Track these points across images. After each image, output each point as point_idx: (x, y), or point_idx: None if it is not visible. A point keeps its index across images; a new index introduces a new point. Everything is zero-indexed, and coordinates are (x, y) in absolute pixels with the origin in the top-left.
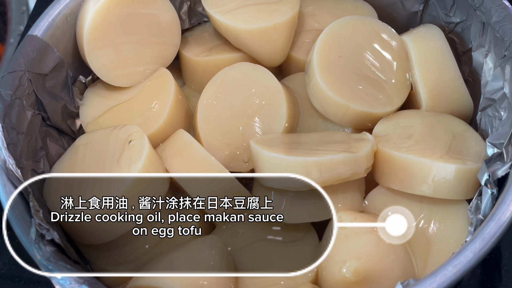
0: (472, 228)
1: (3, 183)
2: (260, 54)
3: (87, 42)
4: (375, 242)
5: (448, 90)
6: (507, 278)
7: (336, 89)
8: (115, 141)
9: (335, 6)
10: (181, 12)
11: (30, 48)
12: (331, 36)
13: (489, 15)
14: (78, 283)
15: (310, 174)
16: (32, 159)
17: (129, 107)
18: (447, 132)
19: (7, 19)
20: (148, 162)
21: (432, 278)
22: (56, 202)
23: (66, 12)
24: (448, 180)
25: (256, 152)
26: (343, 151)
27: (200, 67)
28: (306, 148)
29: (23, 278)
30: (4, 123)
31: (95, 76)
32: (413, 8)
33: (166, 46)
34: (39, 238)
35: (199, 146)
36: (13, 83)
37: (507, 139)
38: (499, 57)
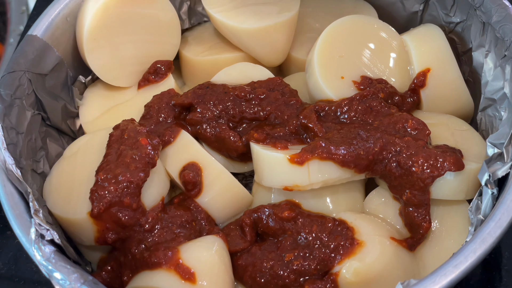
0: (473, 228)
1: (3, 183)
2: (260, 54)
3: (87, 42)
4: (376, 243)
5: (448, 90)
6: (507, 278)
7: (337, 88)
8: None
9: (335, 6)
10: (181, 12)
11: (30, 48)
12: (332, 36)
13: (489, 15)
14: (78, 283)
15: (311, 174)
16: (32, 159)
17: (129, 107)
18: (448, 132)
19: (7, 19)
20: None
21: (432, 278)
22: (56, 202)
23: (65, 12)
24: (448, 181)
25: (256, 152)
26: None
27: (200, 67)
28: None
29: (23, 278)
30: (4, 123)
31: (95, 76)
32: (413, 8)
33: (166, 46)
34: (39, 238)
35: (199, 147)
36: (13, 83)
37: (507, 139)
38: (499, 57)
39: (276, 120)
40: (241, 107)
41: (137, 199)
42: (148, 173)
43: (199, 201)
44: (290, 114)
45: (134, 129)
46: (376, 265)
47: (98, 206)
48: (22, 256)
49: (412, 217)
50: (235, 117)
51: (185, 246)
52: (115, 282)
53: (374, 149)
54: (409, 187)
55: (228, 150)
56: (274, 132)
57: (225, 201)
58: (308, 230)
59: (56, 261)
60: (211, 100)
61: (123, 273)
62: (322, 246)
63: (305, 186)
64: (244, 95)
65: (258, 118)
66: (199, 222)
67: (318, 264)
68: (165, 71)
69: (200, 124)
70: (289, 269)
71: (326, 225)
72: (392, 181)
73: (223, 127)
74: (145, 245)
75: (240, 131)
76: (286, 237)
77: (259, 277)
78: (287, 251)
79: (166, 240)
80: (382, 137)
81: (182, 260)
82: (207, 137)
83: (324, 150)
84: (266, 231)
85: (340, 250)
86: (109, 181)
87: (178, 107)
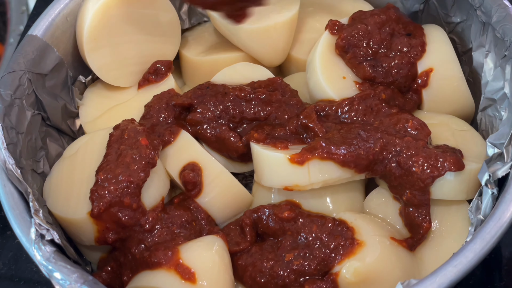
0: (473, 228)
1: (3, 183)
2: (260, 54)
3: (87, 42)
4: (376, 243)
5: (450, 90)
6: (507, 278)
7: (338, 88)
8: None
9: (335, 6)
10: (181, 12)
11: (30, 48)
12: (333, 36)
13: (490, 15)
14: (78, 283)
15: (311, 174)
16: (32, 159)
17: (129, 107)
18: (448, 132)
19: (7, 19)
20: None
21: (432, 278)
22: (56, 202)
23: (66, 12)
24: (448, 181)
25: (256, 152)
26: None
27: (200, 67)
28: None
29: (23, 278)
30: (4, 123)
31: (95, 76)
32: (413, 8)
33: (166, 46)
34: (39, 238)
35: (199, 147)
36: (13, 83)
37: (507, 139)
38: (499, 57)
39: (277, 120)
40: (241, 107)
41: (137, 199)
42: (148, 173)
43: (199, 201)
44: (291, 114)
45: (134, 129)
46: (376, 265)
47: (98, 206)
48: (22, 256)
49: (412, 217)
50: (235, 118)
51: (185, 246)
52: (115, 282)
53: (374, 149)
54: (409, 187)
55: (228, 151)
56: (274, 132)
57: (225, 201)
58: (308, 230)
59: (56, 261)
60: (211, 101)
61: (123, 273)
62: (322, 246)
63: (305, 186)
64: (244, 95)
65: (258, 118)
66: (199, 222)
67: (318, 264)
68: (165, 71)
69: (200, 125)
70: (289, 269)
71: (326, 225)
72: (392, 181)
73: (223, 127)
74: (145, 245)
75: (240, 131)
76: (286, 237)
77: (259, 277)
78: (287, 251)
79: (166, 240)
80: (383, 137)
81: (182, 260)
82: (207, 137)
83: (324, 150)
84: (266, 231)
85: (340, 250)
86: (109, 181)
87: (178, 107)
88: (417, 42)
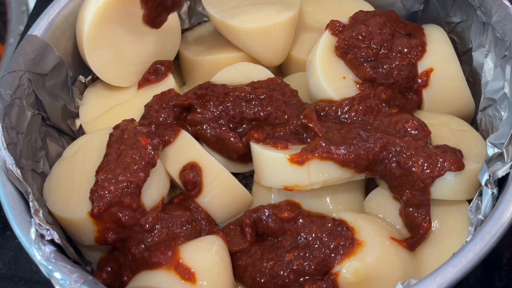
0: (473, 228)
1: (3, 183)
2: (260, 54)
3: (87, 42)
4: (376, 243)
5: (451, 90)
6: (507, 278)
7: (339, 88)
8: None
9: (335, 6)
10: (181, 12)
11: (30, 48)
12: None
13: (490, 15)
14: (78, 283)
15: (311, 174)
16: (32, 159)
17: (129, 107)
18: (448, 132)
19: (7, 19)
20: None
21: (432, 278)
22: (56, 202)
23: (65, 12)
24: (448, 181)
25: (256, 152)
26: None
27: (200, 67)
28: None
29: (23, 278)
30: (4, 123)
31: (95, 76)
32: (413, 8)
33: (166, 45)
34: (39, 238)
35: (199, 147)
36: (13, 83)
37: (507, 139)
38: (499, 57)
39: (277, 120)
40: (241, 107)
41: (137, 199)
42: (148, 173)
43: (199, 201)
44: (291, 114)
45: (134, 129)
46: (376, 265)
47: (98, 206)
48: (22, 256)
49: (412, 217)
50: (235, 118)
51: (185, 246)
52: (115, 282)
53: (374, 149)
54: (409, 187)
55: (229, 151)
56: (274, 132)
57: (225, 201)
58: (308, 230)
59: (56, 261)
60: (211, 101)
61: (123, 273)
62: (322, 246)
63: (305, 186)
64: (244, 96)
65: (258, 118)
66: (199, 222)
67: (318, 264)
68: (165, 71)
69: (200, 125)
70: (289, 269)
71: (326, 225)
72: (392, 181)
73: (223, 127)
74: (145, 245)
75: (240, 131)
76: (286, 237)
77: (259, 277)
78: (287, 251)
79: (166, 240)
80: (382, 137)
81: (182, 260)
82: (207, 137)
83: (324, 150)
84: (266, 231)
85: (340, 250)
86: (109, 181)
87: (178, 107)
88: (417, 42)
